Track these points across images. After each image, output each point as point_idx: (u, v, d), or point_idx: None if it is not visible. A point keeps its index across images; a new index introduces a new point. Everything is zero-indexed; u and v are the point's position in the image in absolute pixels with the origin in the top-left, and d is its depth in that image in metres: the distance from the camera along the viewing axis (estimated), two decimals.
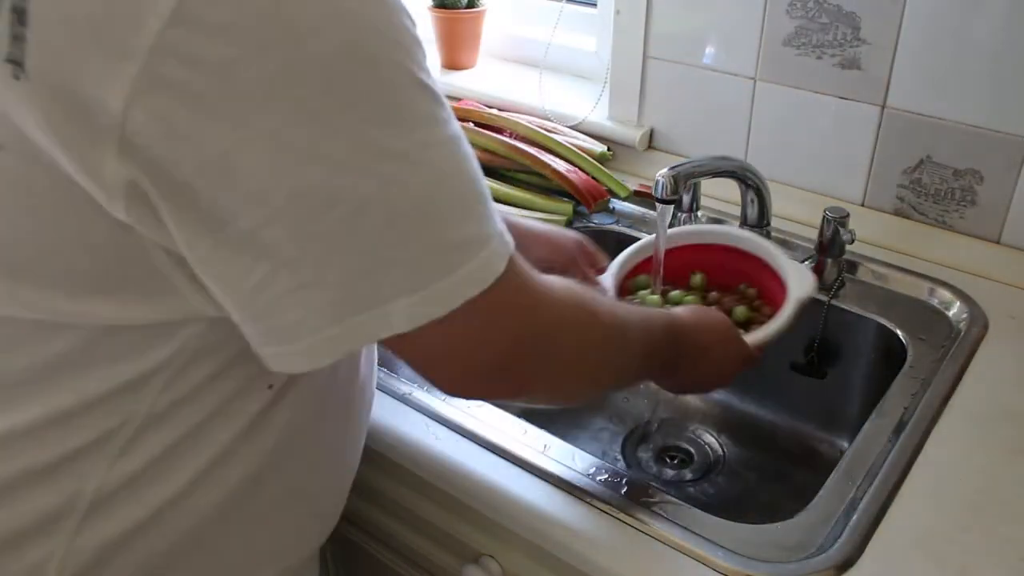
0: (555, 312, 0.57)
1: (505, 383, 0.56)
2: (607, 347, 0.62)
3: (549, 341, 0.56)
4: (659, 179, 0.92)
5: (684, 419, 1.09)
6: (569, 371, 0.60)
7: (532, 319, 0.55)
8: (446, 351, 0.53)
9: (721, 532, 0.68)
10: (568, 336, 0.58)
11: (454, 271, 0.49)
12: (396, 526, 0.90)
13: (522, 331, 0.54)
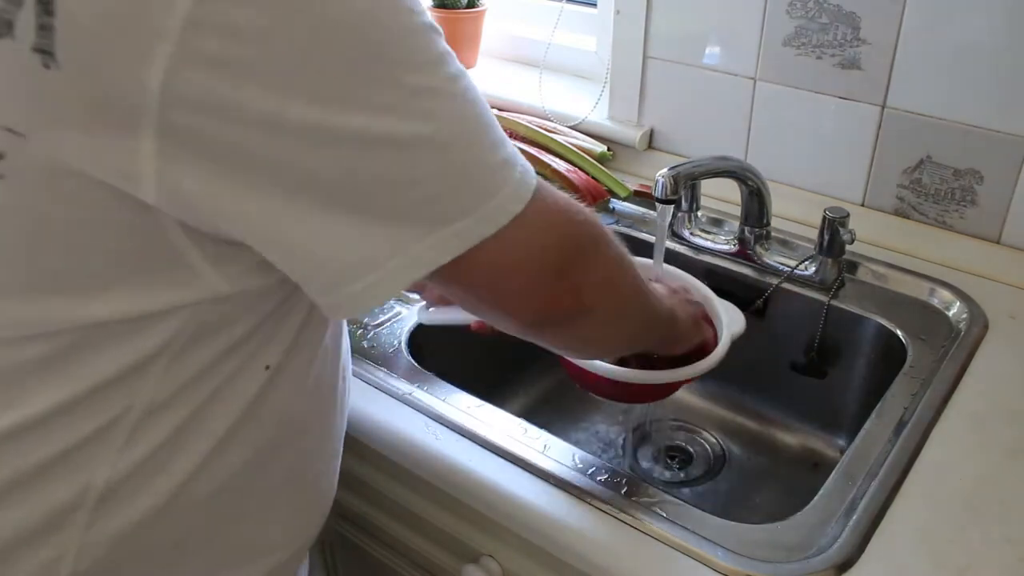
0: (590, 219, 0.59)
1: (566, 291, 0.58)
2: (636, 280, 0.64)
3: (593, 243, 0.58)
4: (659, 179, 0.92)
5: (684, 419, 1.09)
6: (613, 286, 0.62)
7: (572, 223, 0.57)
8: (503, 267, 0.55)
9: (721, 532, 0.68)
10: (606, 245, 0.60)
11: (499, 191, 0.52)
12: (396, 526, 0.90)
13: (566, 232, 0.56)
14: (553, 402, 1.13)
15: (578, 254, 0.57)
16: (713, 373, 1.10)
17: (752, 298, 1.03)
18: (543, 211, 0.55)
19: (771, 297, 1.02)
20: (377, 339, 0.91)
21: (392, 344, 0.90)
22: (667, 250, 1.08)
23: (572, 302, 0.59)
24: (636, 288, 0.65)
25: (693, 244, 1.07)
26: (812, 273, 0.99)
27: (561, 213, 0.57)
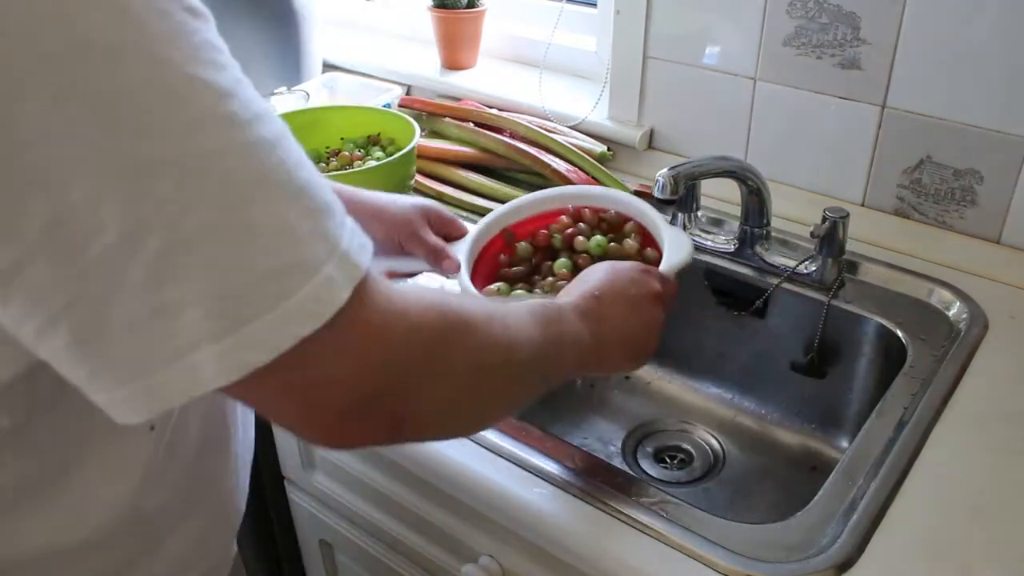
0: (419, 334, 0.48)
1: (374, 425, 0.48)
2: (492, 360, 0.53)
3: (416, 367, 0.48)
4: (659, 179, 0.92)
5: (684, 419, 1.09)
6: (450, 395, 0.51)
7: (390, 346, 0.46)
8: (291, 400, 0.45)
9: (721, 532, 0.68)
10: (440, 358, 0.49)
11: (272, 308, 0.40)
12: (396, 526, 0.90)
13: (378, 361, 0.46)
14: (553, 402, 1.13)
15: (394, 386, 0.47)
16: (713, 373, 1.10)
17: (752, 298, 1.03)
18: (350, 334, 0.43)
19: (771, 297, 1.02)
20: None
21: None
22: None
23: (385, 433, 0.49)
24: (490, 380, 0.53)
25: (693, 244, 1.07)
26: (812, 273, 0.99)
27: (376, 336, 0.45)
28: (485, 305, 0.55)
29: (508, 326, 0.54)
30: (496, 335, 0.53)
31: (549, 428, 0.80)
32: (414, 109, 1.29)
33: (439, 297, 0.51)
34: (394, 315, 0.46)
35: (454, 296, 0.56)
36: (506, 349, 0.54)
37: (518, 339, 0.55)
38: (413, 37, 1.55)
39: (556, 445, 0.77)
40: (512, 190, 1.15)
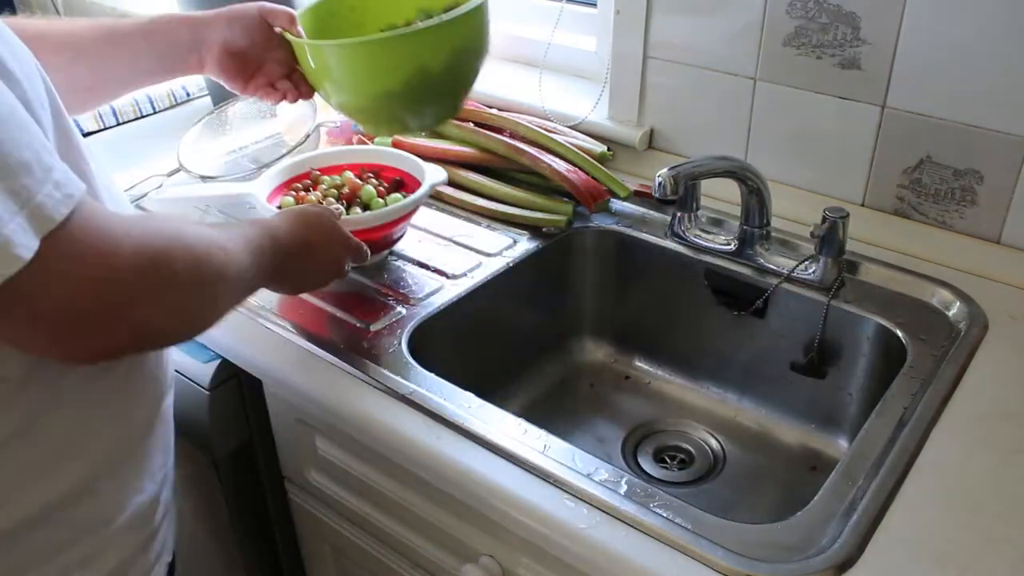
0: (141, 254, 0.58)
1: (115, 334, 0.58)
2: (202, 271, 0.64)
3: (141, 281, 0.58)
4: (659, 179, 0.92)
5: (684, 419, 1.09)
6: (176, 303, 0.62)
7: (107, 266, 0.56)
8: (25, 327, 0.55)
9: (721, 532, 0.68)
10: (164, 272, 0.59)
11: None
12: (396, 526, 0.90)
13: (98, 279, 0.56)
14: (553, 402, 1.13)
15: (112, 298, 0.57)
16: (713, 373, 1.10)
17: (752, 298, 1.03)
18: (76, 244, 0.54)
19: (771, 297, 1.02)
20: (377, 339, 0.91)
21: (392, 344, 0.90)
22: (667, 250, 1.09)
23: (132, 340, 0.61)
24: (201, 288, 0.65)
25: (693, 244, 1.07)
26: (812, 273, 0.99)
27: (91, 257, 0.56)
28: (210, 234, 0.67)
29: (226, 250, 0.67)
30: (213, 256, 0.64)
31: (549, 428, 0.80)
32: None
33: (167, 226, 0.63)
34: (111, 241, 0.56)
35: (184, 225, 0.65)
36: (220, 267, 0.65)
37: (231, 261, 0.67)
38: None
39: (556, 445, 0.77)
40: (512, 190, 1.15)
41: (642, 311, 1.16)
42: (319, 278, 0.86)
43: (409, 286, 1.00)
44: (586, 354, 1.20)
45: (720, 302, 1.07)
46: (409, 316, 0.95)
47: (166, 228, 0.62)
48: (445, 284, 1.01)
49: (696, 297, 1.09)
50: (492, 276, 1.03)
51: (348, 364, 0.87)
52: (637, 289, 1.15)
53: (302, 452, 0.97)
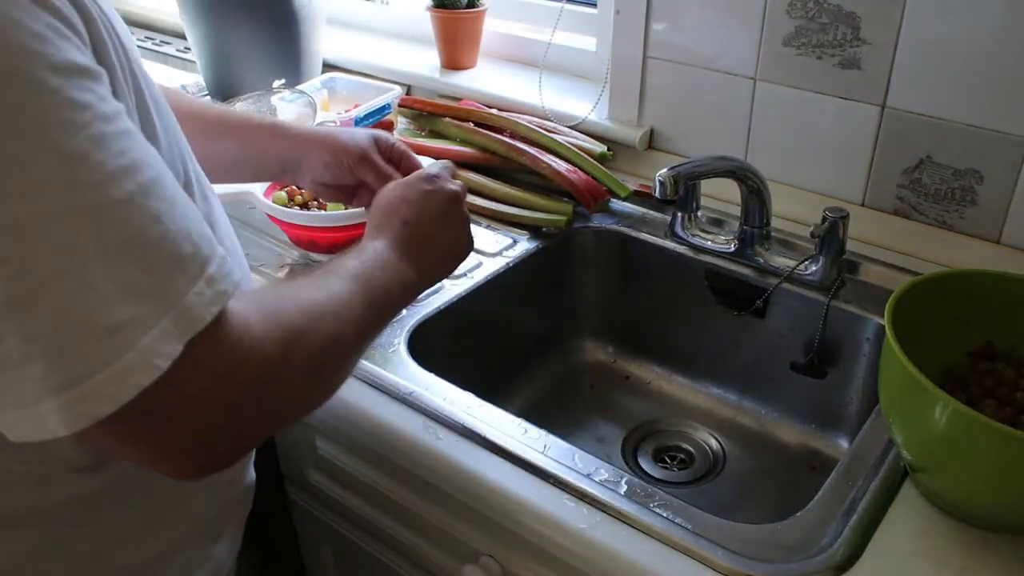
0: (261, 356, 0.51)
1: (225, 454, 0.53)
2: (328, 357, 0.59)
3: (263, 388, 0.52)
4: (659, 179, 0.92)
5: (684, 419, 1.09)
6: (293, 402, 0.57)
7: (236, 388, 0.50)
8: (142, 443, 0.49)
9: (721, 532, 0.68)
10: (287, 371, 0.54)
11: (111, 362, 0.44)
12: (396, 526, 0.90)
13: (223, 403, 0.50)
14: (553, 402, 1.13)
15: (245, 413, 0.51)
16: (713, 373, 1.10)
17: (752, 298, 1.03)
18: (196, 376, 0.47)
19: (771, 297, 1.02)
20: (377, 339, 0.91)
21: (392, 344, 0.90)
22: (667, 250, 1.09)
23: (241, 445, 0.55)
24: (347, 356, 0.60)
25: (693, 244, 1.07)
26: (812, 273, 0.99)
27: (224, 372, 0.49)
28: (318, 301, 0.59)
29: (339, 314, 0.60)
30: (328, 336, 0.58)
31: (549, 428, 0.80)
32: (414, 109, 1.29)
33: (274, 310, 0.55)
34: (243, 355, 0.50)
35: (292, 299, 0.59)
36: (337, 345, 0.59)
37: (347, 323, 0.60)
38: (413, 37, 1.55)
39: (556, 445, 0.77)
40: (512, 190, 1.15)
41: (642, 311, 1.16)
42: (456, 247, 0.78)
43: None
44: (586, 354, 1.20)
45: (720, 302, 1.07)
46: (409, 316, 0.95)
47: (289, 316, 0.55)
48: (445, 284, 1.01)
49: (696, 297, 1.09)
50: (492, 276, 1.03)
51: None
52: (637, 289, 1.15)
53: (302, 452, 0.97)
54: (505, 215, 1.13)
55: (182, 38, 1.71)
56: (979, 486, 0.65)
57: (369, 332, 0.65)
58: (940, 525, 0.69)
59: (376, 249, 0.69)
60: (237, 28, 1.32)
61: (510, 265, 1.05)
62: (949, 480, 0.68)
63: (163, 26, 1.82)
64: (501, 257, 1.06)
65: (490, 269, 1.04)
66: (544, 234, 1.11)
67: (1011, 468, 0.61)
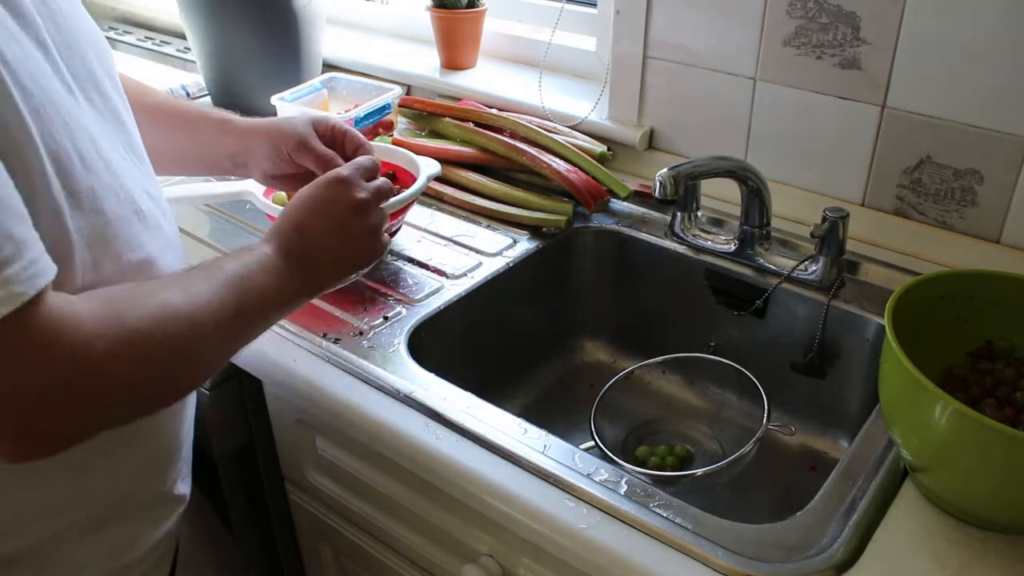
0: (85, 354, 0.54)
1: (59, 434, 0.56)
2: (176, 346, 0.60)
3: (85, 384, 0.55)
4: (659, 179, 0.92)
5: (684, 419, 1.09)
6: (130, 396, 0.58)
7: (55, 371, 0.53)
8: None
9: (721, 532, 0.68)
10: (116, 360, 0.56)
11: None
12: (396, 526, 0.90)
13: (44, 385, 0.53)
14: (553, 402, 1.13)
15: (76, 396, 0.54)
16: (713, 373, 1.10)
17: (752, 298, 1.03)
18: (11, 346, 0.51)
19: (771, 297, 1.02)
20: (377, 339, 0.91)
21: (392, 344, 0.90)
22: (667, 250, 1.09)
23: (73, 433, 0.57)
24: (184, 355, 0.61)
25: (693, 244, 1.07)
26: (812, 273, 0.99)
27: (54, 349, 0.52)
28: (173, 304, 0.60)
29: (194, 319, 0.61)
30: (172, 340, 0.59)
31: (549, 428, 0.80)
32: (414, 109, 1.29)
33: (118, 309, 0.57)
34: (59, 351, 0.52)
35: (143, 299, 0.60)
36: (181, 352, 0.60)
37: (203, 327, 0.61)
38: (413, 37, 1.55)
39: (556, 445, 0.77)
40: (512, 190, 1.15)
41: (642, 311, 1.16)
42: (352, 257, 0.76)
43: (409, 286, 1.00)
44: (586, 354, 1.20)
45: (720, 302, 1.07)
46: (409, 316, 0.95)
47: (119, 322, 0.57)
48: (445, 284, 1.01)
49: (696, 297, 1.09)
50: (492, 276, 1.03)
51: (348, 364, 0.87)
52: (637, 289, 1.15)
53: (302, 452, 0.97)
54: (505, 215, 1.13)
55: (182, 38, 1.71)
56: (979, 486, 0.65)
57: (235, 337, 0.66)
58: (940, 525, 0.69)
59: (263, 253, 0.70)
60: (237, 28, 1.32)
61: (510, 265, 1.05)
62: (949, 480, 0.68)
63: (163, 26, 1.82)
64: (501, 257, 1.06)
65: (490, 269, 1.04)
66: (544, 234, 1.11)
67: (1011, 468, 0.61)
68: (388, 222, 0.80)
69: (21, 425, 0.53)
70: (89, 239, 0.60)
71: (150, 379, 0.59)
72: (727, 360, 1.04)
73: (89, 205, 0.61)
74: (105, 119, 0.67)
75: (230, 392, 0.97)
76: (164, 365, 0.60)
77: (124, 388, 0.57)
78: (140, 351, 0.57)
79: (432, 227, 1.12)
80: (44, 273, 0.52)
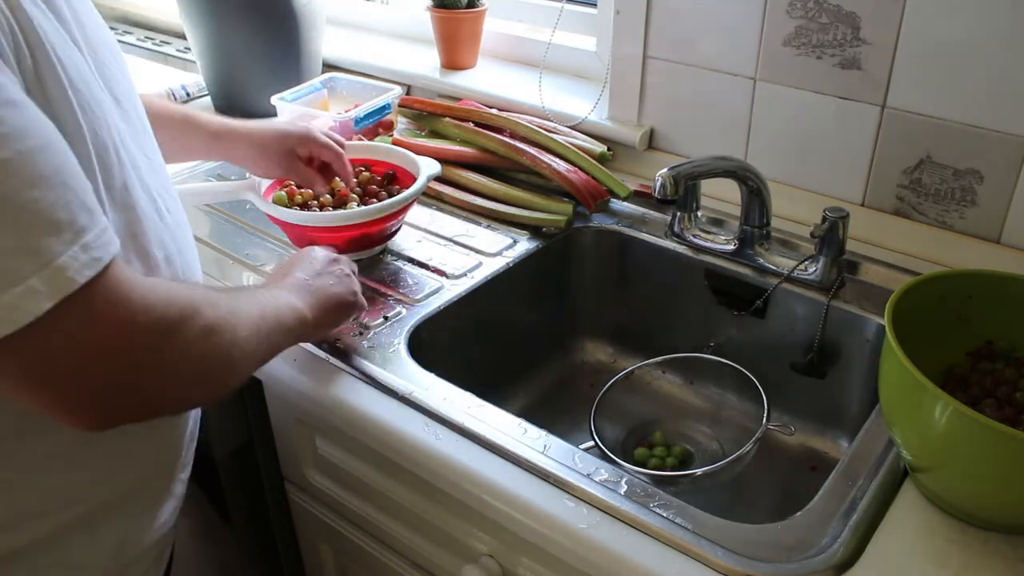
0: (155, 318, 0.57)
1: (128, 406, 0.58)
2: (218, 326, 0.63)
3: (157, 349, 0.57)
4: (659, 179, 0.92)
5: (684, 419, 1.09)
6: (189, 375, 0.61)
7: (124, 340, 0.55)
8: (34, 389, 0.54)
9: (721, 532, 0.68)
10: (174, 348, 0.58)
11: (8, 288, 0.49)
12: (396, 526, 0.90)
13: (113, 350, 0.55)
14: (553, 402, 1.13)
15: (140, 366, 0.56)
16: (713, 373, 1.10)
17: (752, 298, 1.03)
18: (94, 310, 0.53)
19: (771, 297, 1.02)
20: (377, 339, 0.91)
21: (392, 344, 0.90)
22: (667, 250, 1.09)
23: (141, 409, 0.60)
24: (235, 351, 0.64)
25: (693, 244, 1.07)
26: (812, 273, 0.99)
27: (124, 314, 0.54)
28: (215, 293, 0.65)
29: (233, 310, 0.65)
30: (223, 320, 0.63)
31: (549, 428, 0.80)
32: (414, 109, 1.29)
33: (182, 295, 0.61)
34: (128, 309, 0.55)
35: (197, 293, 0.63)
36: (231, 330, 0.64)
37: (240, 319, 0.66)
38: (413, 37, 1.55)
39: (556, 445, 0.77)
40: (512, 190, 1.15)
41: (642, 311, 1.16)
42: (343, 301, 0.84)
43: (409, 286, 1.00)
44: (586, 354, 1.20)
45: (720, 302, 1.07)
46: (409, 316, 0.95)
47: (180, 298, 0.61)
48: (445, 284, 1.01)
49: (696, 297, 1.09)
50: (492, 276, 1.03)
51: (348, 364, 0.87)
52: (637, 289, 1.15)
53: (302, 452, 0.97)
54: (505, 215, 1.13)
55: (182, 38, 1.71)
56: (979, 486, 0.65)
57: (260, 343, 0.69)
58: (940, 525, 0.69)
59: (277, 288, 0.78)
60: (237, 28, 1.32)
61: (510, 265, 1.05)
62: (949, 480, 0.68)
63: (163, 26, 1.82)
64: (501, 257, 1.06)
65: (490, 269, 1.04)
66: (544, 234, 1.11)
67: (1011, 468, 0.61)
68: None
69: (107, 388, 0.55)
70: (122, 235, 0.63)
71: (212, 352, 0.62)
72: (727, 360, 1.04)
73: (122, 201, 0.64)
74: (129, 120, 0.69)
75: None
76: (221, 340, 0.63)
77: (193, 357, 0.60)
78: (202, 320, 0.60)
79: (432, 227, 1.12)
80: (115, 241, 0.55)
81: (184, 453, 0.79)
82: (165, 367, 0.58)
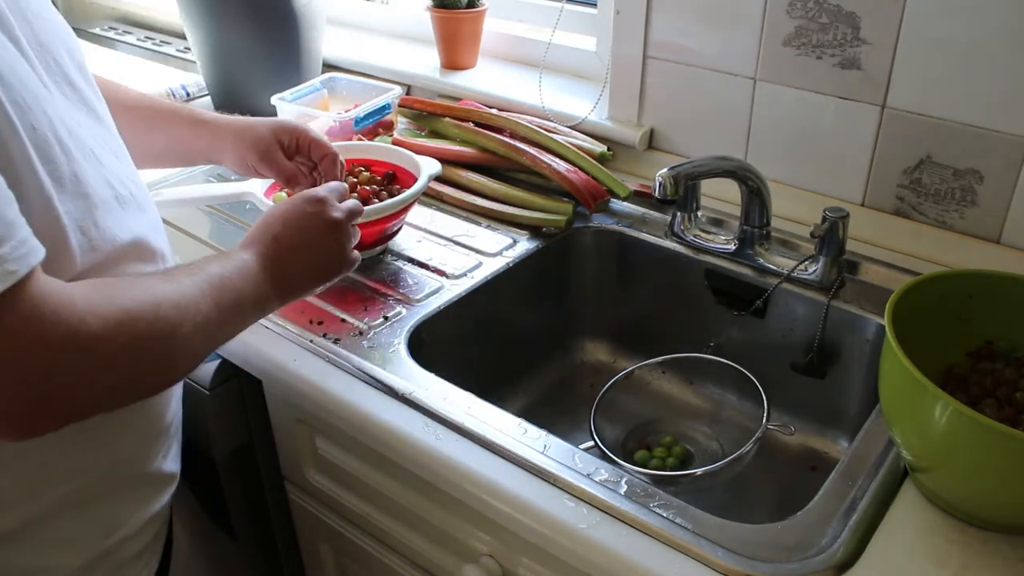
0: (71, 332, 0.56)
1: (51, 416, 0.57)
2: (155, 344, 0.61)
3: (71, 364, 0.56)
4: (659, 179, 0.92)
5: (684, 419, 1.09)
6: (117, 382, 0.60)
7: (46, 352, 0.54)
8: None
9: (721, 532, 0.68)
10: (110, 337, 0.58)
11: None
12: (396, 526, 0.90)
13: (37, 366, 0.54)
14: (553, 402, 1.13)
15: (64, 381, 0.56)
16: (713, 373, 1.10)
17: (752, 298, 1.03)
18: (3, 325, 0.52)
19: (771, 297, 1.02)
20: (377, 339, 0.91)
21: (392, 344, 0.90)
22: (667, 250, 1.09)
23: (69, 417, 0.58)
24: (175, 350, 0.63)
25: (693, 244, 1.07)
26: (812, 273, 0.99)
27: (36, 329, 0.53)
28: (160, 291, 0.63)
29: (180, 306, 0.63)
30: (161, 322, 0.61)
31: (549, 428, 0.80)
32: (414, 109, 1.29)
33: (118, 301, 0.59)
34: (41, 329, 0.54)
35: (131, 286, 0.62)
36: (170, 333, 0.62)
37: (188, 314, 0.64)
38: (413, 37, 1.55)
39: (556, 445, 0.77)
40: (512, 190, 1.15)
41: (642, 311, 1.16)
42: (322, 270, 0.80)
43: (409, 286, 1.00)
44: (586, 354, 1.20)
45: (720, 302, 1.07)
46: (409, 316, 0.95)
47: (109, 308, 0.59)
48: (445, 284, 1.01)
49: (696, 297, 1.09)
50: (492, 276, 1.03)
51: (348, 364, 0.87)
52: (637, 289, 1.15)
53: (302, 452, 0.97)
54: (505, 215, 1.13)
55: (182, 38, 1.71)
56: (979, 486, 0.65)
57: (214, 331, 0.68)
58: (940, 525, 0.69)
59: (242, 259, 0.73)
60: (237, 28, 1.32)
61: (510, 265, 1.05)
62: (949, 480, 0.68)
63: (163, 26, 1.82)
64: (501, 257, 1.06)
65: (490, 269, 1.04)
66: (544, 234, 1.11)
67: (1011, 468, 0.61)
68: (357, 240, 0.84)
69: (19, 402, 0.55)
70: (80, 223, 0.63)
71: (143, 359, 0.61)
72: (727, 360, 1.04)
73: (74, 190, 0.63)
74: (79, 111, 0.69)
75: (230, 392, 0.97)
76: (156, 346, 0.61)
77: (119, 366, 0.59)
78: (132, 329, 0.59)
79: (432, 227, 1.12)
80: (35, 252, 0.54)
81: (167, 434, 0.79)
82: (84, 380, 0.57)
